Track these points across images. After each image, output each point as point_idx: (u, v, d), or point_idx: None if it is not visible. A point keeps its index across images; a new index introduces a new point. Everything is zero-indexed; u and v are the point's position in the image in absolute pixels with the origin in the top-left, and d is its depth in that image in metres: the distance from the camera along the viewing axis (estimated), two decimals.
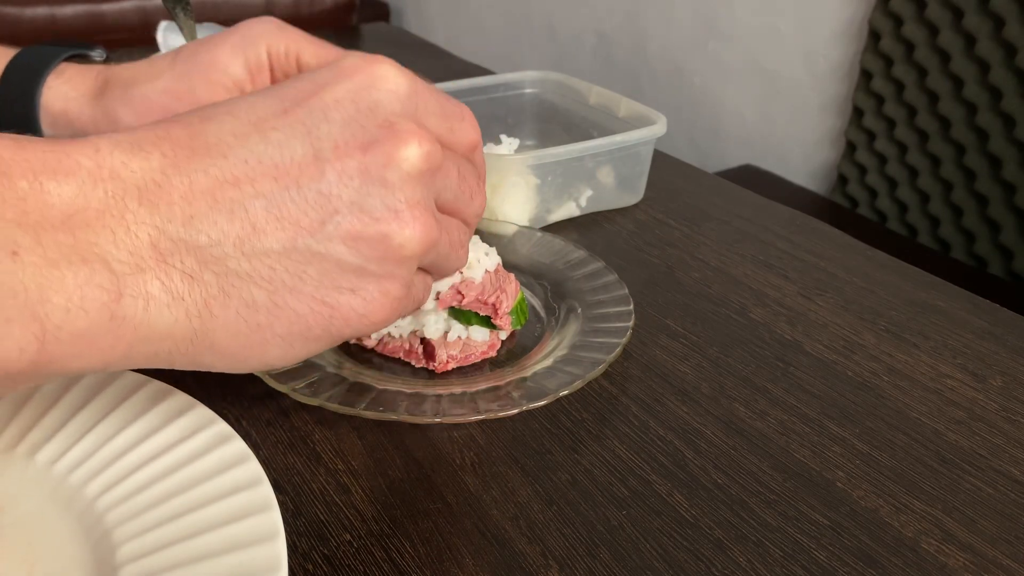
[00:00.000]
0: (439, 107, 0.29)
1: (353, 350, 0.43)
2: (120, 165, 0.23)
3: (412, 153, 0.26)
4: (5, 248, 0.21)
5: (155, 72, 0.41)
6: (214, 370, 0.26)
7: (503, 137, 0.64)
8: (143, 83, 0.41)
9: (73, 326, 0.22)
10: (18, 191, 0.21)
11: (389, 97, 0.27)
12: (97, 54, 0.46)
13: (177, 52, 0.42)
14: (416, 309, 0.32)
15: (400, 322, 0.42)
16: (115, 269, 0.22)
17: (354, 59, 0.27)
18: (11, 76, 0.42)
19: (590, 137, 0.61)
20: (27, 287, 0.21)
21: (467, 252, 0.32)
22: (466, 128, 0.30)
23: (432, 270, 0.31)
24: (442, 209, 0.29)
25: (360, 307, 0.26)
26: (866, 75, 1.38)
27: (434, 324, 0.41)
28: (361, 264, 0.26)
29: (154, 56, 0.43)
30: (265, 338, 0.25)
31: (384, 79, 0.27)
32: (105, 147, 0.23)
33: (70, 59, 0.44)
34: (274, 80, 0.42)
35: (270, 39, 0.41)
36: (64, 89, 0.42)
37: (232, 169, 0.24)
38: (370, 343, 0.43)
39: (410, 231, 0.26)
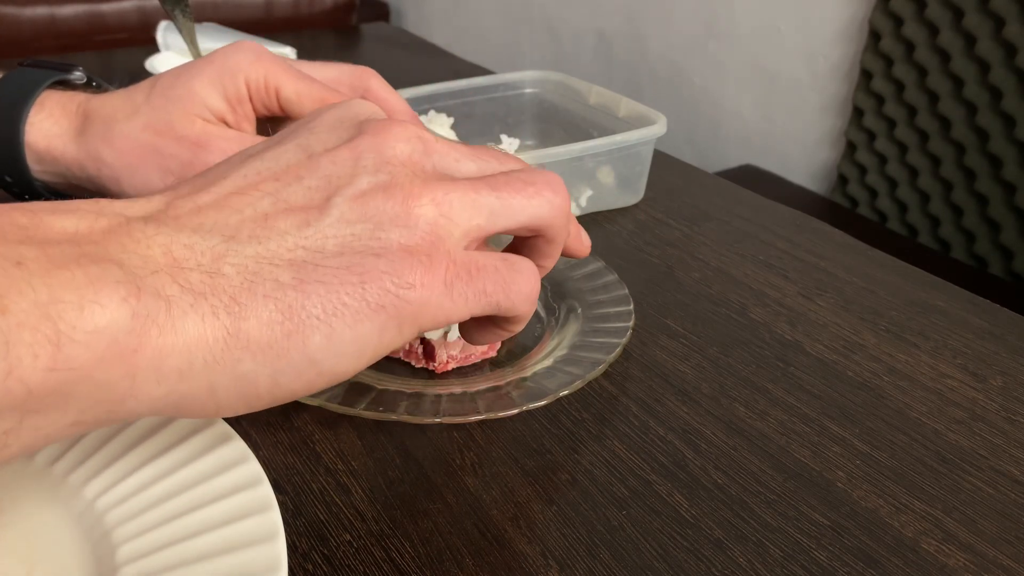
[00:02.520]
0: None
1: None
2: (120, 206, 0.24)
3: (396, 132, 0.27)
4: (10, 260, 0.20)
5: (132, 108, 0.42)
6: (259, 387, 0.24)
7: (503, 137, 0.64)
8: (122, 121, 0.41)
9: (90, 323, 0.20)
10: (18, 223, 0.21)
11: (364, 109, 0.29)
12: (76, 77, 0.46)
13: (152, 85, 0.42)
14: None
15: None
16: (129, 269, 0.22)
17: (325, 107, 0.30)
18: None
19: (590, 137, 0.61)
20: (35, 287, 0.20)
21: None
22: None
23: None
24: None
25: (385, 266, 0.25)
26: (866, 75, 1.39)
27: None
28: (373, 228, 0.25)
29: (129, 88, 0.43)
30: (302, 321, 0.24)
31: (354, 103, 0.30)
32: (104, 200, 0.24)
33: (51, 84, 0.44)
34: (255, 111, 0.43)
35: (248, 70, 0.41)
36: (46, 125, 0.42)
37: (235, 184, 0.26)
38: None
39: (409, 183, 0.26)
